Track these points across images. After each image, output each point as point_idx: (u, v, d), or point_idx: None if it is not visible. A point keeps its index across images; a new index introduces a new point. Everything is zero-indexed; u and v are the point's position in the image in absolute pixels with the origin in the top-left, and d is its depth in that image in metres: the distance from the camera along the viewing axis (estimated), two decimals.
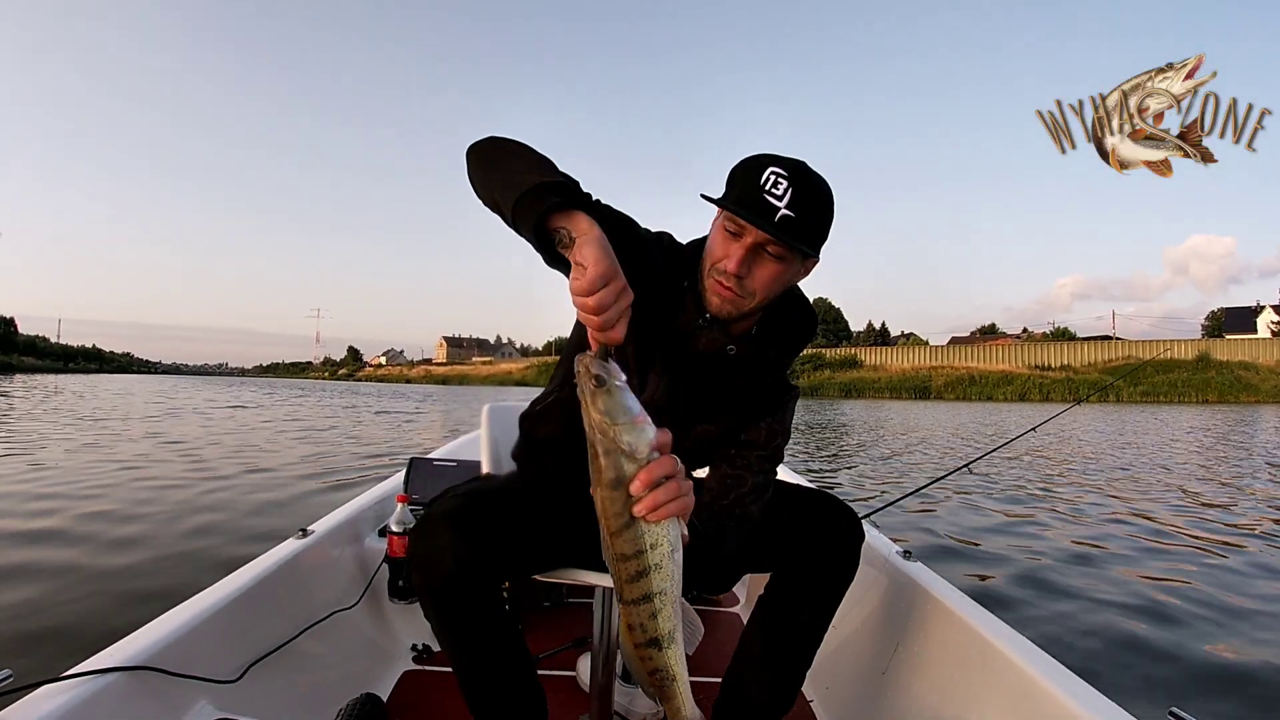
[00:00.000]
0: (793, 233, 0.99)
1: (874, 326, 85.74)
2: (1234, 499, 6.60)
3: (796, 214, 0.99)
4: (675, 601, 0.82)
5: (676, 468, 0.79)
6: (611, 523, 0.79)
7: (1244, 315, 64.89)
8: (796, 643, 1.23)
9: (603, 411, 0.76)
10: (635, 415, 0.77)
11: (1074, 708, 1.08)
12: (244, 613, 1.38)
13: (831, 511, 1.24)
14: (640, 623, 0.82)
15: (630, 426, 0.77)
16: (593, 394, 0.77)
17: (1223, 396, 40.69)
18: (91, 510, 4.22)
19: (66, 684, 1.00)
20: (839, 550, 1.21)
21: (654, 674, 0.85)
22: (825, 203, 1.03)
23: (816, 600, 1.22)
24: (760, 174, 1.00)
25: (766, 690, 1.23)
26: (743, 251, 1.01)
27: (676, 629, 0.84)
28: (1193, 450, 11.73)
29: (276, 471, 6.34)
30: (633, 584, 0.80)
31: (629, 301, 0.82)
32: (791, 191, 0.99)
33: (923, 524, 4.94)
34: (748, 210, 0.99)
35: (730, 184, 1.04)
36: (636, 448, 0.77)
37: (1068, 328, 68.80)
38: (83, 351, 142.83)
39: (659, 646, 0.83)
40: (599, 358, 0.78)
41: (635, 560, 0.79)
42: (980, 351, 57.62)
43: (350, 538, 1.91)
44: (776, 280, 1.05)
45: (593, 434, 0.78)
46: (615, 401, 0.77)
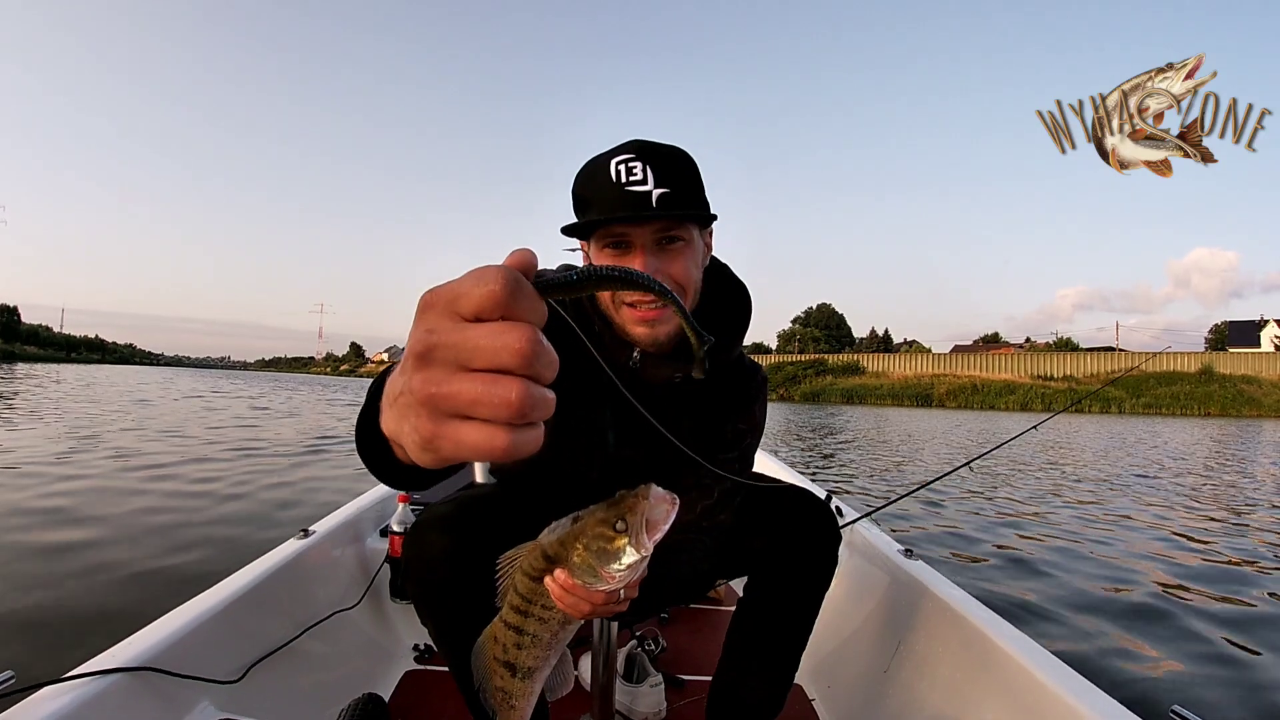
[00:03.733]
0: (679, 205, 0.90)
1: (876, 333, 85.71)
2: (1241, 502, 6.58)
3: (671, 187, 0.90)
4: (547, 649, 0.81)
5: (614, 602, 0.76)
6: (528, 566, 0.78)
7: (1247, 329, 64.78)
8: (780, 644, 1.18)
9: (609, 562, 0.73)
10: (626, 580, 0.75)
11: (1076, 705, 1.07)
12: (245, 613, 1.37)
13: (805, 508, 1.17)
14: (504, 643, 0.81)
15: (609, 582, 0.75)
16: (612, 540, 0.73)
17: (1225, 410, 40.60)
18: (92, 511, 4.21)
19: (68, 685, 1.00)
20: (814, 548, 1.16)
21: (498, 690, 0.84)
22: (687, 162, 0.93)
23: (796, 600, 1.17)
24: (608, 171, 0.90)
25: (754, 693, 1.19)
26: (642, 258, 0.90)
27: (538, 671, 0.83)
28: (1198, 457, 11.70)
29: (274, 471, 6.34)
30: (512, 613, 0.80)
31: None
32: (650, 168, 0.89)
33: (924, 522, 4.94)
34: (623, 209, 0.88)
35: (583, 201, 0.94)
36: (600, 586, 0.75)
37: (1070, 338, 68.74)
38: (85, 342, 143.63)
39: (512, 672, 0.82)
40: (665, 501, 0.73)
41: (524, 603, 0.79)
42: (983, 360, 57.53)
43: (351, 538, 1.91)
44: (691, 265, 0.95)
45: (572, 547, 0.75)
46: (626, 566, 0.73)
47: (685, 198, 0.91)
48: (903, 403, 49.13)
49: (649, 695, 1.55)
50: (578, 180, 0.95)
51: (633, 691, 1.55)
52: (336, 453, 7.70)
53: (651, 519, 0.73)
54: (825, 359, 61.02)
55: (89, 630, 2.37)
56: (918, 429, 17.79)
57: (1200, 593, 3.42)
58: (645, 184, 0.88)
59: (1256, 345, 59.39)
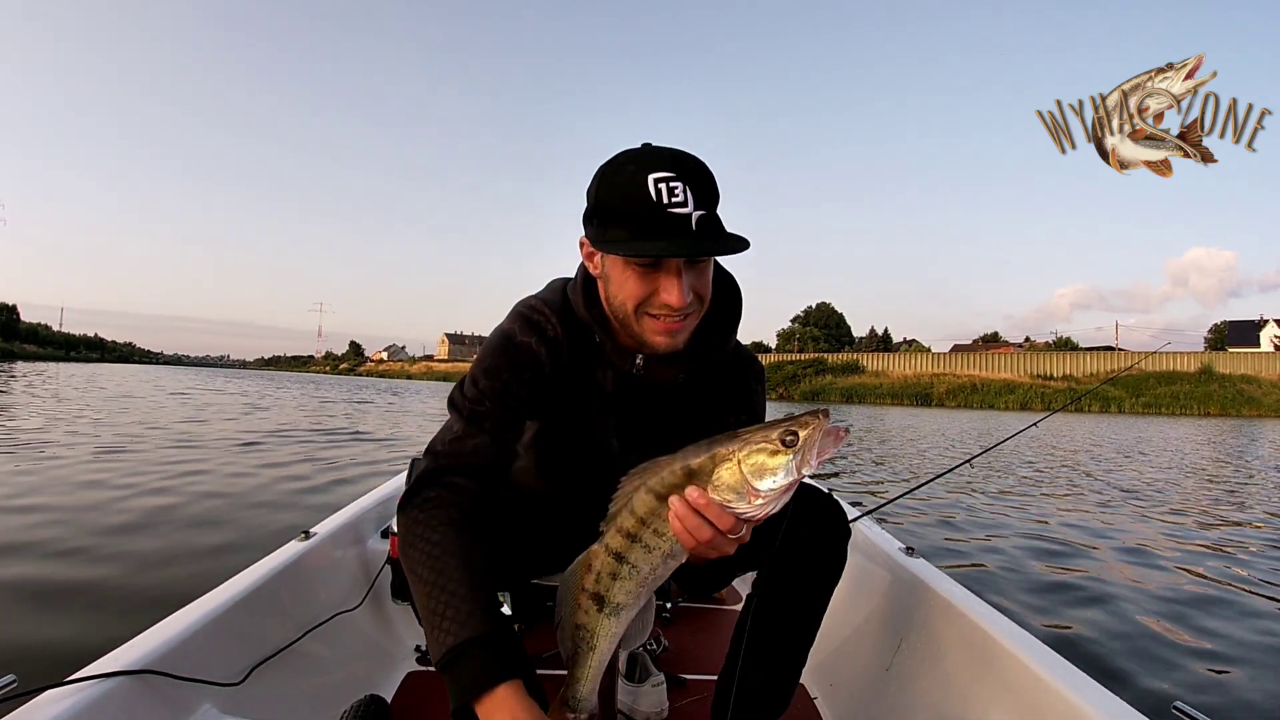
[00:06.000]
0: (715, 230, 0.90)
1: (876, 332, 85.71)
2: (1241, 500, 6.59)
3: (707, 208, 0.89)
4: (642, 585, 0.79)
5: (737, 533, 0.76)
6: (657, 483, 0.76)
7: (1247, 329, 64.75)
8: (786, 642, 1.17)
9: (762, 478, 0.72)
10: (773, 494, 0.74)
11: (1079, 703, 1.07)
12: (247, 615, 1.37)
13: (815, 506, 1.15)
14: (600, 571, 0.78)
15: (756, 500, 0.73)
16: (774, 451, 0.72)
17: (1225, 410, 40.59)
18: (91, 509, 4.20)
19: (70, 688, 1.00)
20: (824, 546, 1.14)
21: (579, 629, 0.81)
22: (710, 175, 0.93)
23: (804, 598, 1.15)
24: (646, 189, 0.87)
25: (758, 691, 1.17)
26: (677, 282, 0.90)
27: (627, 608, 0.80)
28: (1199, 456, 11.70)
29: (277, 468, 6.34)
30: (618, 537, 0.77)
31: None
32: (689, 190, 0.87)
33: (926, 520, 4.94)
34: (665, 238, 0.87)
35: (612, 211, 0.91)
36: (742, 512, 0.74)
37: (1070, 338, 68.76)
38: (84, 340, 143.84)
39: (600, 606, 0.79)
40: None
41: (637, 525, 0.77)
42: (982, 359, 57.48)
43: (352, 539, 1.91)
44: (711, 279, 0.97)
45: (724, 460, 0.73)
46: (778, 487, 0.72)
47: (718, 220, 0.91)
48: (902, 402, 49.13)
49: (651, 695, 1.54)
50: (605, 187, 0.92)
51: (634, 691, 1.55)
52: (336, 452, 7.70)
53: (822, 443, 0.72)
54: (825, 358, 60.92)
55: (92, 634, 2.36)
56: (918, 428, 17.79)
57: (1202, 592, 3.42)
58: (685, 206, 0.87)
59: (1256, 345, 59.40)
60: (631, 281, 0.92)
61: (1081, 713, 1.05)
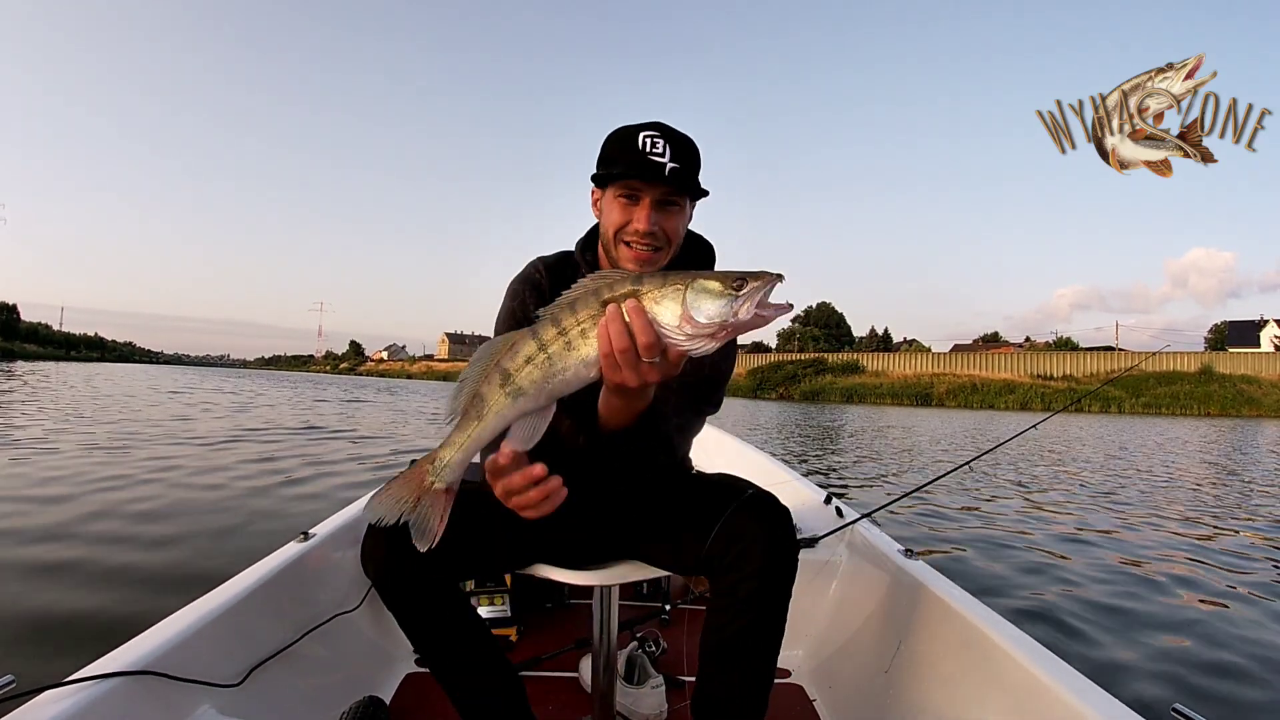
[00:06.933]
0: (682, 181, 1.14)
1: (876, 332, 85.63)
2: (1239, 501, 6.58)
3: (681, 164, 1.13)
4: (548, 379, 0.82)
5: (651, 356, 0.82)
6: (605, 289, 0.82)
7: (1247, 329, 64.60)
8: (746, 648, 1.13)
9: (700, 303, 0.78)
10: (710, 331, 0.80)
11: (1078, 705, 1.07)
12: (246, 616, 1.38)
13: (761, 511, 1.13)
14: (518, 351, 0.82)
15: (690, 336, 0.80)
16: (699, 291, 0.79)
17: (1225, 410, 40.52)
18: (90, 508, 4.20)
19: (69, 689, 1.00)
20: (768, 549, 1.10)
21: (477, 396, 0.83)
22: (694, 148, 1.17)
23: (755, 604, 1.11)
24: (636, 140, 1.13)
25: (733, 695, 1.15)
26: (647, 210, 1.13)
27: (526, 396, 0.82)
28: (1197, 457, 11.70)
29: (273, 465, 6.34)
30: (549, 327, 0.82)
31: None
32: (669, 147, 1.13)
33: (925, 522, 4.94)
34: (641, 173, 1.12)
35: (609, 159, 1.17)
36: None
37: (1070, 338, 68.68)
38: (85, 340, 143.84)
39: (504, 383, 0.82)
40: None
41: (571, 322, 0.82)
42: (982, 359, 57.39)
43: (351, 540, 1.90)
44: (680, 224, 1.18)
45: (675, 282, 0.80)
46: (710, 321, 0.78)
47: (689, 176, 1.15)
48: (902, 402, 49.06)
49: (650, 697, 1.55)
50: (608, 141, 1.18)
51: (634, 693, 1.55)
52: (336, 452, 7.70)
53: (765, 301, 0.78)
54: (825, 358, 60.69)
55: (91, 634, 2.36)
56: (917, 428, 17.79)
57: (1204, 592, 3.42)
58: (663, 157, 1.12)
59: (1256, 345, 59.30)
60: (615, 210, 1.15)
61: (1080, 715, 1.05)
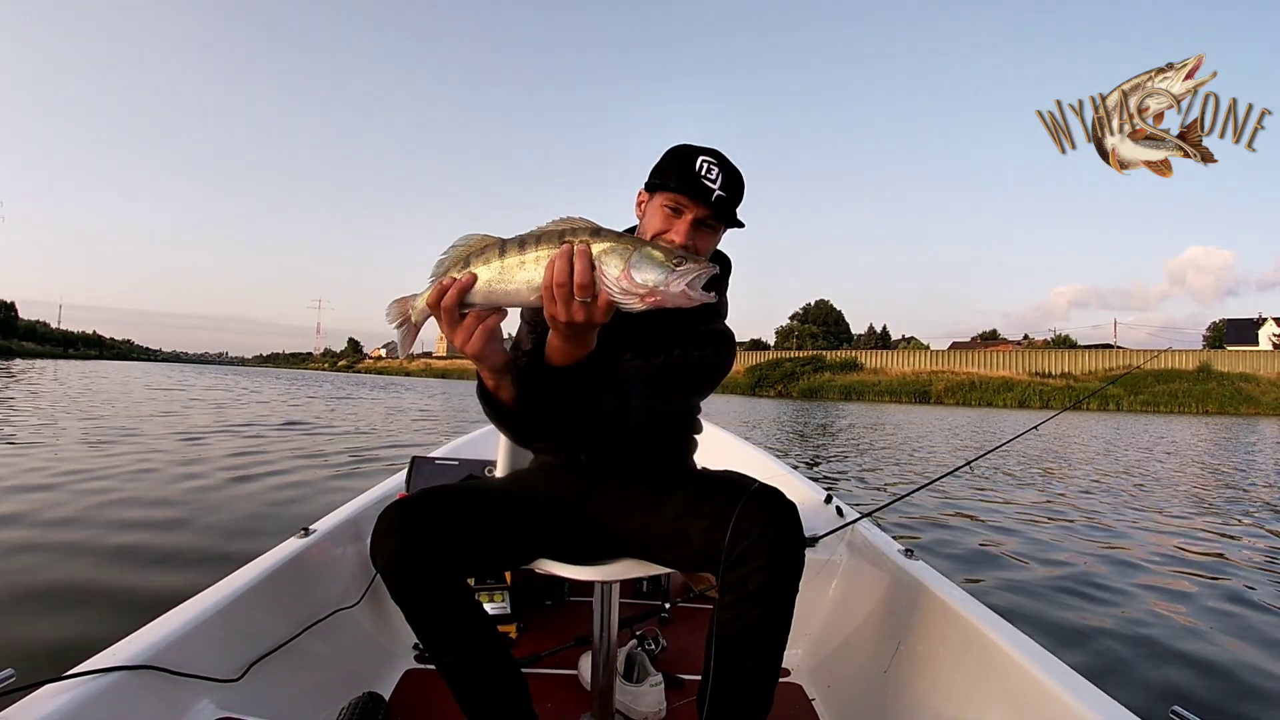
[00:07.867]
0: (725, 209, 1.23)
1: (875, 329, 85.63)
2: (1237, 501, 6.60)
3: (727, 194, 1.23)
4: (494, 282, 0.97)
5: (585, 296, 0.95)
6: (571, 235, 0.95)
7: (1245, 327, 64.54)
8: (753, 645, 1.14)
9: (642, 267, 0.93)
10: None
11: (1076, 706, 1.07)
12: (246, 611, 1.38)
13: (769, 508, 1.13)
14: (487, 254, 0.97)
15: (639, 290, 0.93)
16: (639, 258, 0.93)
17: (1223, 408, 40.53)
18: (91, 507, 4.20)
19: (68, 683, 1.00)
20: (776, 548, 1.11)
21: (446, 275, 0.99)
22: (742, 183, 1.27)
23: (762, 601, 1.11)
24: (694, 162, 1.22)
25: (738, 692, 1.15)
26: (686, 226, 1.21)
27: (477, 294, 0.97)
28: (1197, 456, 11.73)
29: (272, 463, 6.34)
30: (516, 246, 0.96)
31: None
32: (721, 176, 1.22)
33: (925, 522, 4.94)
34: (690, 192, 1.20)
35: (664, 171, 1.25)
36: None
37: (1069, 335, 68.68)
38: (83, 338, 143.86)
39: (462, 268, 0.98)
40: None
41: (534, 245, 0.96)
42: (981, 357, 57.39)
43: (352, 536, 1.91)
44: (712, 248, 1.28)
45: (628, 240, 0.95)
46: (646, 284, 0.93)
47: (732, 206, 1.25)
48: (901, 399, 49.08)
49: (649, 695, 1.55)
50: (668, 154, 1.27)
51: (633, 691, 1.55)
52: (336, 452, 7.70)
53: (694, 282, 0.93)
54: (823, 355, 60.62)
55: (90, 629, 2.36)
56: (917, 426, 17.81)
57: (1204, 592, 3.42)
58: (714, 183, 1.21)
59: (1254, 343, 59.31)
60: (659, 218, 1.24)
61: (1079, 716, 1.06)
